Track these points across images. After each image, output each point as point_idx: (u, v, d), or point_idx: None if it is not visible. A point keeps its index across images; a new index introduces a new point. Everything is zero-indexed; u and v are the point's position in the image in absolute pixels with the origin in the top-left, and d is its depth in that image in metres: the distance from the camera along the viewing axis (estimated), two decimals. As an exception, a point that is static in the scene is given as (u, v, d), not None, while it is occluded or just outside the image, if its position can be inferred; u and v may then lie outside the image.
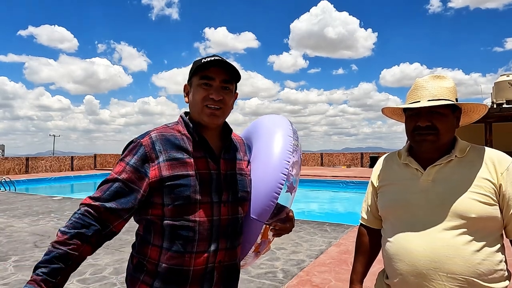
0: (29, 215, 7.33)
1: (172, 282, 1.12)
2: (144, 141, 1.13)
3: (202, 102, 1.16)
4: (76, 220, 1.05)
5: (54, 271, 1.03)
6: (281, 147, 1.30)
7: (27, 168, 20.43)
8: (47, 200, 9.57)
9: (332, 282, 3.57)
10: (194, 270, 1.12)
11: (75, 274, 3.82)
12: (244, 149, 1.35)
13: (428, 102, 1.16)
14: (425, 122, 1.18)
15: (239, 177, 1.24)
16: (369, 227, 1.43)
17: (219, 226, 1.15)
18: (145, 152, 1.11)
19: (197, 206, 1.11)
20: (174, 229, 1.11)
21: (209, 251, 1.13)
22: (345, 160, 25.24)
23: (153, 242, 1.14)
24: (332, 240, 5.20)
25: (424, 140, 1.18)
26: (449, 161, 1.19)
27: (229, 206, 1.18)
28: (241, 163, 1.28)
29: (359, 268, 1.41)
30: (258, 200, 1.25)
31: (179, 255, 1.11)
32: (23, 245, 5.04)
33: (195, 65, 1.18)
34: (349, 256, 4.41)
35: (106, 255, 4.53)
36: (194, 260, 1.11)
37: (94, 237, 1.08)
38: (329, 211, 10.51)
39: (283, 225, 1.28)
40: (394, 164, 1.32)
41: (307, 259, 4.34)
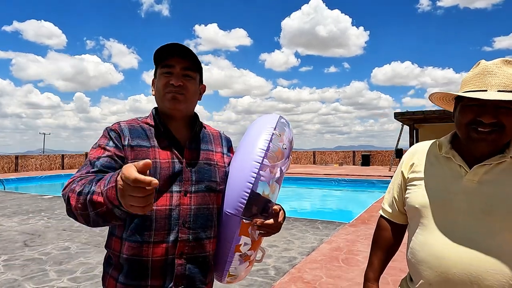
0: (19, 214, 7.25)
1: (133, 275, 1.11)
2: (113, 127, 1.19)
3: (163, 89, 1.18)
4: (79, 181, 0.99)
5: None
6: (259, 138, 1.23)
7: (16, 167, 20.15)
8: (37, 199, 9.46)
9: (323, 279, 3.60)
10: (153, 261, 1.10)
11: (66, 273, 3.80)
12: (219, 142, 1.34)
13: (500, 94, 0.95)
14: (490, 118, 0.97)
15: (206, 167, 1.21)
16: (391, 221, 1.28)
17: (178, 216, 1.13)
18: (116, 133, 1.16)
19: (155, 194, 1.10)
20: (131, 218, 1.10)
21: (167, 241, 1.11)
22: (337, 158, 25.38)
23: (116, 234, 1.15)
24: (323, 238, 5.24)
25: (483, 139, 0.99)
26: (501, 162, 1.02)
27: (193, 196, 1.16)
28: (211, 153, 1.27)
29: (377, 265, 1.27)
30: (233, 192, 1.18)
31: (137, 245, 1.10)
32: (12, 244, 4.99)
33: (156, 55, 1.18)
34: (340, 253, 4.45)
35: (97, 253, 4.51)
36: (152, 250, 1.10)
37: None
38: (321, 209, 10.58)
39: (266, 222, 1.17)
40: (432, 156, 1.14)
41: (298, 256, 4.37)
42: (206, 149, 1.26)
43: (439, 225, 1.04)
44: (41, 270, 3.91)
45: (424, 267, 1.05)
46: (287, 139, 1.29)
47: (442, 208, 1.05)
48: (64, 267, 4.00)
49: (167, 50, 1.16)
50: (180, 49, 1.16)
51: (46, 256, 4.42)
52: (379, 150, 24.64)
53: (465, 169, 1.05)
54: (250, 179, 1.15)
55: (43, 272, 3.85)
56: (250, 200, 1.15)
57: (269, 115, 1.38)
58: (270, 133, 1.23)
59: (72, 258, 4.33)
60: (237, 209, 1.15)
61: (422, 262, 1.06)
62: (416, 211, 1.11)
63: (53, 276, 3.74)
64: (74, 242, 5.08)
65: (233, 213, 1.16)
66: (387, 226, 1.29)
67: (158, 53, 1.17)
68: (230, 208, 1.17)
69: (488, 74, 1.00)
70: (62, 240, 5.20)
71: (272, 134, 1.23)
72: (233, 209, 1.16)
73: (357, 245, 4.81)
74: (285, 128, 1.31)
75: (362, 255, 4.36)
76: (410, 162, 1.20)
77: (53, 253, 4.55)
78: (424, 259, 1.05)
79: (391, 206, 1.27)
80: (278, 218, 1.22)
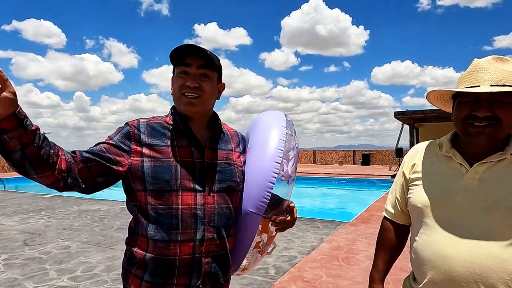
0: (19, 213, 7.25)
1: (160, 273, 1.12)
2: (131, 123, 1.19)
3: (179, 91, 1.18)
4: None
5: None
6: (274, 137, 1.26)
7: (17, 166, 20.18)
8: (38, 198, 9.47)
9: (323, 278, 3.60)
10: (181, 259, 1.12)
11: (66, 272, 3.80)
12: (236, 141, 1.34)
13: (491, 88, 0.97)
14: (485, 111, 0.98)
15: (227, 167, 1.23)
16: (395, 222, 1.28)
17: (204, 215, 1.15)
18: (129, 131, 1.17)
19: (179, 192, 1.13)
20: (158, 216, 1.12)
21: (194, 239, 1.13)
22: (337, 158, 25.38)
23: (141, 232, 1.15)
24: (323, 237, 5.24)
25: (480, 133, 1.00)
26: (502, 160, 1.02)
27: (215, 196, 1.18)
28: (230, 153, 1.28)
29: (381, 266, 1.27)
30: (253, 191, 1.21)
31: (164, 244, 1.11)
32: (12, 243, 4.99)
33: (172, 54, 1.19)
34: (340, 252, 4.45)
35: (98, 252, 4.51)
36: (180, 249, 1.12)
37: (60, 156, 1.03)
38: (321, 208, 10.57)
39: (283, 218, 1.23)
40: (433, 155, 1.15)
41: (298, 255, 4.37)
42: (226, 149, 1.27)
43: (441, 224, 1.04)
44: (41, 269, 3.91)
45: (428, 266, 1.05)
46: (295, 138, 1.34)
47: (444, 207, 1.05)
48: (64, 266, 4.00)
49: (183, 49, 1.16)
50: (196, 48, 1.15)
51: (46, 255, 4.42)
52: (379, 150, 24.63)
53: (466, 168, 1.05)
54: (271, 179, 1.18)
55: (43, 271, 3.85)
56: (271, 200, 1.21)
57: (273, 113, 1.41)
58: (284, 133, 1.27)
59: (72, 257, 4.34)
60: (259, 208, 1.19)
61: (426, 261, 1.06)
62: (418, 210, 1.11)
63: (53, 275, 3.74)
64: (74, 241, 5.08)
65: (255, 212, 1.20)
66: (390, 227, 1.30)
67: (175, 52, 1.17)
68: (252, 207, 1.20)
69: (480, 70, 1.03)
70: (62, 239, 5.20)
71: (286, 133, 1.28)
72: (255, 208, 1.19)
73: (357, 244, 4.81)
74: (292, 126, 1.36)
75: (362, 254, 4.36)
76: (411, 162, 1.21)
77: (53, 252, 4.55)
78: (428, 258, 1.05)
79: (394, 207, 1.28)
80: (294, 215, 1.27)
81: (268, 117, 1.39)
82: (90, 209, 7.68)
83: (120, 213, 7.28)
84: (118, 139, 1.15)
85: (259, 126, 1.36)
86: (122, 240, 5.12)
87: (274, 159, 1.21)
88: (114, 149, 1.13)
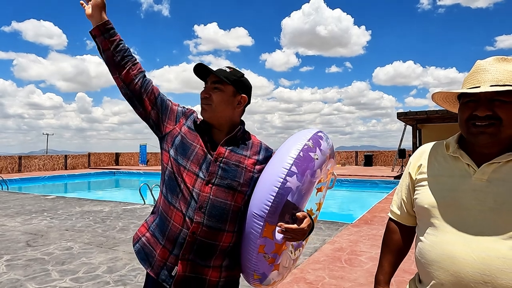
0: (22, 214, 7.27)
1: (158, 229, 1.38)
2: (188, 109, 1.52)
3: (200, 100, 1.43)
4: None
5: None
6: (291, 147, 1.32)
7: (20, 167, 20.24)
8: (40, 199, 9.49)
9: (326, 279, 3.58)
10: (173, 225, 1.32)
11: (68, 273, 3.80)
12: (256, 150, 1.45)
13: (490, 88, 0.99)
14: (484, 111, 1.00)
15: (233, 167, 1.35)
16: (400, 224, 1.27)
17: (197, 199, 1.30)
18: (185, 112, 1.48)
19: (186, 171, 1.34)
20: (170, 179, 1.37)
21: (185, 214, 1.31)
22: (340, 159, 25.33)
23: (161, 189, 1.42)
24: (326, 238, 5.22)
25: (482, 132, 1.01)
26: (510, 161, 1.02)
27: (213, 188, 1.32)
28: (243, 158, 1.39)
29: (387, 268, 1.27)
30: (258, 194, 1.26)
31: (167, 204, 1.35)
32: (15, 244, 5.00)
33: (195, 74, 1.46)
34: (343, 254, 4.43)
35: (100, 253, 4.51)
36: (175, 214, 1.32)
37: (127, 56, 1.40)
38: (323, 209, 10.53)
39: (289, 226, 1.22)
40: (439, 156, 1.15)
41: (301, 256, 4.34)
42: (240, 153, 1.40)
43: (449, 225, 1.04)
44: (44, 270, 3.91)
45: (436, 267, 1.04)
46: (321, 151, 1.36)
47: (452, 207, 1.04)
48: (66, 267, 4.00)
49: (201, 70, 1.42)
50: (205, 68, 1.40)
51: (48, 256, 4.42)
52: (381, 150, 24.56)
53: (474, 168, 1.05)
54: (276, 183, 1.22)
55: (46, 272, 3.85)
56: (277, 205, 1.21)
57: (307, 129, 1.48)
58: (303, 144, 1.33)
59: (74, 258, 4.34)
60: (262, 210, 1.22)
61: (433, 262, 1.04)
62: (425, 211, 1.11)
63: (55, 276, 3.74)
64: (77, 242, 5.09)
65: (258, 214, 1.23)
66: (396, 229, 1.29)
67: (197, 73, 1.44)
68: (256, 209, 1.25)
69: (481, 71, 1.05)
70: (64, 240, 5.20)
71: (305, 144, 1.32)
72: (259, 210, 1.23)
73: (360, 246, 4.79)
74: (320, 140, 1.39)
75: (365, 256, 4.34)
76: (417, 163, 1.20)
77: (55, 253, 4.55)
78: (436, 259, 1.04)
79: (400, 208, 1.27)
80: (301, 224, 1.24)
81: (299, 133, 1.47)
82: (93, 210, 7.69)
83: (122, 214, 7.29)
84: (181, 110, 1.47)
85: (287, 140, 1.44)
86: (124, 241, 5.12)
87: (284, 165, 1.26)
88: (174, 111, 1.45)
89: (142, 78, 1.41)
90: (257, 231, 1.23)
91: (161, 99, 1.43)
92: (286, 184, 1.22)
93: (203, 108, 1.39)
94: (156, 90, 1.43)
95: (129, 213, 7.42)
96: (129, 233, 5.62)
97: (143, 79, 1.41)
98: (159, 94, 1.44)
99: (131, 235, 5.47)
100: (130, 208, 8.04)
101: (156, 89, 1.43)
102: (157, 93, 1.43)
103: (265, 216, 1.21)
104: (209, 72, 1.40)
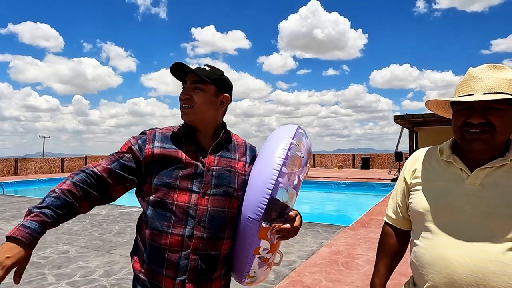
0: (18, 218, 7.22)
1: (153, 259, 1.25)
2: (148, 132, 1.35)
3: (180, 102, 1.33)
4: (84, 178, 1.21)
5: (59, 216, 1.15)
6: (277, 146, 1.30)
7: (16, 170, 20.13)
8: (37, 203, 9.43)
9: (323, 283, 3.58)
10: (170, 250, 1.22)
11: (64, 277, 3.78)
12: (243, 151, 1.41)
13: (483, 96, 1.01)
14: (478, 118, 1.02)
15: (226, 173, 1.31)
16: (396, 228, 1.29)
17: (195, 214, 1.24)
18: (145, 138, 1.32)
19: (177, 190, 1.25)
20: (156, 207, 1.25)
21: (183, 235, 1.23)
22: (337, 161, 25.37)
23: (144, 219, 1.29)
24: (323, 241, 5.23)
25: (476, 139, 1.03)
26: (502, 166, 1.04)
27: (210, 199, 1.27)
28: (233, 161, 1.35)
29: (383, 271, 1.28)
30: (251, 198, 1.25)
31: (158, 233, 1.24)
32: (11, 247, 4.97)
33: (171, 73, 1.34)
34: (340, 257, 4.44)
35: (96, 257, 4.49)
36: (170, 240, 1.22)
37: (94, 197, 1.23)
38: (320, 212, 10.55)
39: (284, 226, 1.24)
40: (434, 161, 1.17)
41: (298, 259, 4.36)
42: (229, 157, 1.35)
43: (443, 228, 1.06)
44: (40, 274, 3.89)
45: (430, 269, 1.05)
46: (305, 148, 1.36)
47: (446, 211, 1.06)
48: (62, 271, 3.98)
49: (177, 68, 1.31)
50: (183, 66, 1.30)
51: (44, 259, 4.40)
52: (378, 153, 24.64)
53: (467, 173, 1.07)
54: (269, 185, 1.22)
55: (42, 276, 3.83)
56: (269, 205, 1.22)
57: (287, 126, 1.46)
58: (289, 143, 1.31)
59: (70, 261, 4.32)
60: (257, 213, 1.22)
61: (427, 264, 1.06)
62: (420, 215, 1.13)
63: (51, 280, 3.72)
64: (73, 245, 5.06)
65: (253, 218, 1.23)
66: (391, 233, 1.31)
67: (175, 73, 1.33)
68: (250, 212, 1.24)
69: (474, 79, 1.07)
70: (61, 243, 5.18)
71: (291, 143, 1.31)
72: (253, 213, 1.23)
73: (357, 249, 4.80)
74: (303, 138, 1.38)
75: (362, 259, 4.34)
76: (412, 168, 1.22)
77: (51, 256, 4.53)
78: (430, 262, 1.06)
79: (395, 212, 1.29)
80: (294, 223, 1.27)
81: (280, 130, 1.43)
82: (89, 214, 7.65)
83: (119, 217, 7.26)
84: (136, 144, 1.30)
85: (270, 139, 1.41)
86: (121, 245, 5.10)
87: (274, 166, 1.24)
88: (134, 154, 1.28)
89: (105, 192, 1.25)
90: (253, 234, 1.24)
91: (120, 174, 1.25)
92: (278, 185, 1.23)
93: (185, 111, 1.30)
94: (112, 178, 1.24)
95: (126, 216, 7.40)
96: (126, 237, 5.60)
97: (105, 191, 1.25)
98: (114, 173, 1.25)
99: (128, 239, 5.46)
100: (127, 211, 8.01)
101: (112, 177, 1.24)
102: (114, 176, 1.25)
103: (260, 219, 1.22)
104: (188, 71, 1.31)
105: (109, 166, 1.25)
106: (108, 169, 1.24)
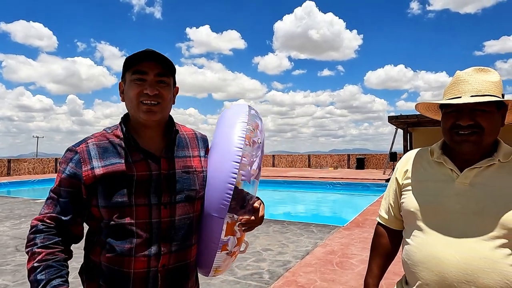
0: (11, 219, 7.16)
1: (114, 283, 1.11)
2: (79, 149, 1.13)
3: (136, 99, 1.12)
4: (42, 241, 1.08)
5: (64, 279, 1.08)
6: (232, 135, 1.20)
7: (9, 170, 19.95)
8: (30, 203, 9.36)
9: (317, 282, 3.60)
10: (135, 273, 1.09)
11: (58, 278, 3.75)
12: (195, 144, 1.29)
13: (471, 98, 1.04)
14: (467, 121, 1.05)
15: (185, 176, 1.18)
16: (388, 228, 1.31)
17: (159, 229, 1.11)
18: (79, 159, 1.11)
19: (133, 208, 1.09)
20: (112, 231, 1.09)
21: (149, 255, 1.10)
22: (332, 162, 25.45)
23: (98, 243, 1.13)
24: (318, 241, 5.24)
25: (465, 141, 1.06)
26: (490, 165, 1.07)
27: (171, 208, 1.14)
28: (189, 160, 1.23)
29: (376, 271, 1.30)
30: (213, 195, 1.18)
31: (119, 258, 1.09)
32: (4, 249, 4.92)
33: (126, 60, 1.13)
34: (334, 257, 4.45)
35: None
36: (134, 264, 1.09)
37: (65, 247, 1.13)
38: (315, 212, 10.58)
39: (248, 218, 1.20)
40: (424, 162, 1.20)
41: (293, 259, 4.37)
42: (183, 156, 1.22)
43: (434, 227, 1.08)
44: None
45: (421, 268, 1.08)
46: (260, 131, 1.28)
47: (437, 211, 1.09)
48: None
49: (139, 55, 1.11)
50: (153, 54, 1.11)
51: (38, 261, 4.36)
52: (373, 154, 24.74)
53: (456, 173, 1.10)
54: (230, 180, 1.15)
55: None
56: (232, 199, 1.16)
57: (238, 106, 1.36)
58: (244, 129, 1.22)
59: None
60: (221, 211, 1.16)
61: (419, 263, 1.09)
62: (411, 214, 1.15)
63: (45, 281, 3.69)
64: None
65: (218, 216, 1.17)
66: (384, 233, 1.33)
67: (130, 59, 1.11)
68: (214, 211, 1.17)
69: (461, 82, 1.10)
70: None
71: (246, 129, 1.22)
72: (217, 211, 1.16)
73: (352, 249, 4.82)
74: (256, 120, 1.29)
75: (357, 259, 4.36)
76: (404, 168, 1.25)
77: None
78: (421, 260, 1.08)
79: (388, 213, 1.31)
80: (259, 214, 1.24)
81: (231, 113, 1.32)
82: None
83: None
84: (69, 171, 1.11)
85: (220, 124, 1.30)
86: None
87: (233, 158, 1.16)
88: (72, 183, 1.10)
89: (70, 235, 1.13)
90: (219, 232, 1.18)
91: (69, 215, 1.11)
92: (240, 178, 1.17)
93: (151, 109, 1.12)
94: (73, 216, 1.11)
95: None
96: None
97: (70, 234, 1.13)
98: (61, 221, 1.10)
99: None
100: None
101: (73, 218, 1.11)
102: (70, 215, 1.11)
103: (225, 216, 1.16)
104: (149, 60, 1.10)
105: (54, 214, 1.09)
106: (54, 217, 1.09)
